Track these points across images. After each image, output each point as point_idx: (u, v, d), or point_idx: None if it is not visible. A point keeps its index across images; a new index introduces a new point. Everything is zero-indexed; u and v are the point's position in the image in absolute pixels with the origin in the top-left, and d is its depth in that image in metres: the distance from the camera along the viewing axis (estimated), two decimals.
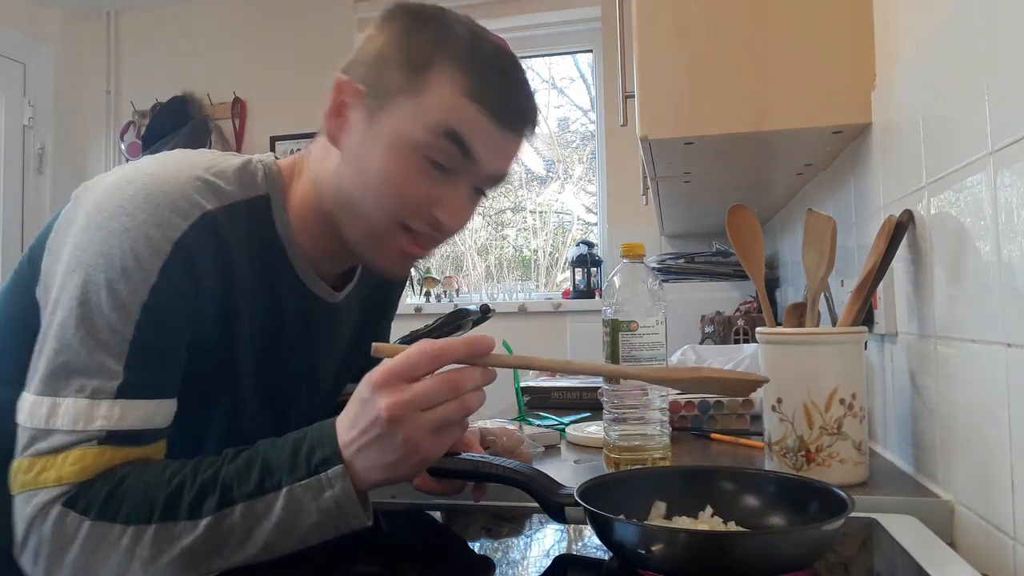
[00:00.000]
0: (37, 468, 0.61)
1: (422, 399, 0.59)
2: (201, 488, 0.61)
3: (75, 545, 0.60)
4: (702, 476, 0.71)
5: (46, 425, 0.62)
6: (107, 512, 0.60)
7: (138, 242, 0.64)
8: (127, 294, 0.63)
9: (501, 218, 3.42)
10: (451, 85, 0.69)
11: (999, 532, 0.65)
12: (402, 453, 0.61)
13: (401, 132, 0.70)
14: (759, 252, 0.96)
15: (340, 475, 0.61)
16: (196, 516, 0.61)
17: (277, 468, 0.62)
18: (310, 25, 3.15)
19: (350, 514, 0.62)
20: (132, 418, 0.63)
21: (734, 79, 1.07)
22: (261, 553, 0.62)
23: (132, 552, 0.60)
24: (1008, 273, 0.62)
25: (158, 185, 0.67)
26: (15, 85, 3.14)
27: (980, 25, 0.67)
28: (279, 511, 0.61)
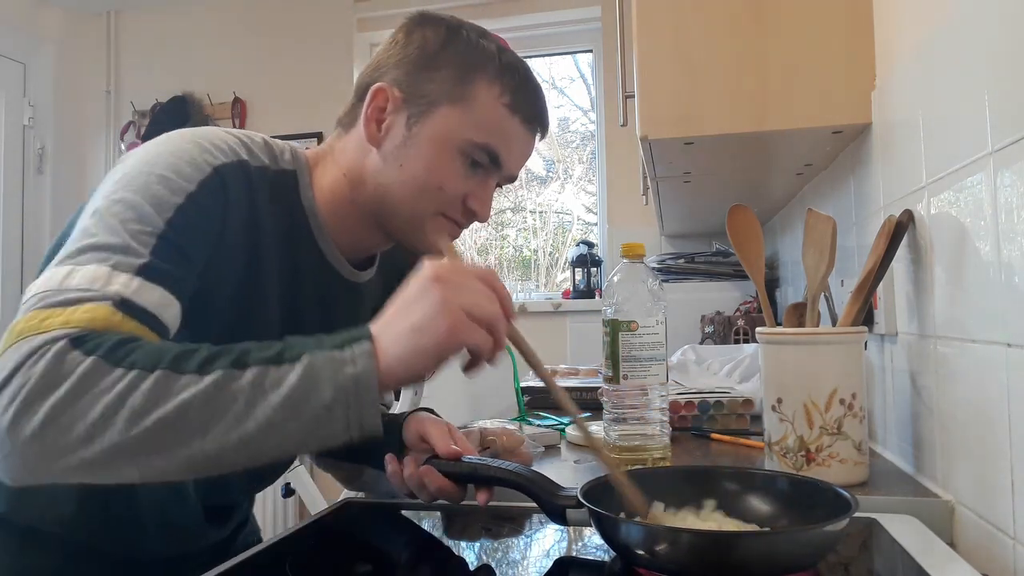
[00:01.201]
0: (42, 316, 0.58)
1: (463, 280, 0.62)
2: (216, 352, 0.58)
3: (65, 384, 0.54)
4: (704, 476, 0.71)
5: (60, 286, 0.60)
6: (113, 356, 0.56)
7: (181, 160, 0.70)
8: (165, 194, 0.67)
9: (501, 218, 3.42)
10: (493, 97, 0.79)
11: (999, 532, 0.65)
12: (433, 314, 0.59)
13: (445, 136, 0.78)
14: (759, 252, 0.96)
15: (365, 352, 0.58)
16: (203, 372, 0.56)
17: (300, 344, 0.59)
18: (310, 25, 3.15)
19: (365, 399, 0.58)
20: (148, 297, 0.62)
21: (734, 79, 1.07)
22: (259, 435, 0.56)
23: (123, 400, 0.54)
24: (1008, 273, 0.62)
25: (203, 131, 0.75)
26: (15, 85, 3.14)
27: (980, 25, 0.67)
28: (293, 381, 0.56)
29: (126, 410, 0.54)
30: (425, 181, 0.78)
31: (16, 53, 3.13)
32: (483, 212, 0.82)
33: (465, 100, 0.78)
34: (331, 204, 0.82)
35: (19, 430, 0.54)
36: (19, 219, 3.11)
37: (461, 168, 0.79)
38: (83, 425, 0.54)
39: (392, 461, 0.80)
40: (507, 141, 0.80)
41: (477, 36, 0.80)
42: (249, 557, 0.70)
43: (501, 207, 3.40)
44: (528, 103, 0.81)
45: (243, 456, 0.57)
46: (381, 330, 0.61)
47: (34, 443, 0.54)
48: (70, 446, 0.54)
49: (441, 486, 0.75)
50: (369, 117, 0.79)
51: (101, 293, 0.60)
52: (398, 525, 0.83)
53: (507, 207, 3.41)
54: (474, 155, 0.79)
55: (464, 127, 0.78)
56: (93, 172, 3.32)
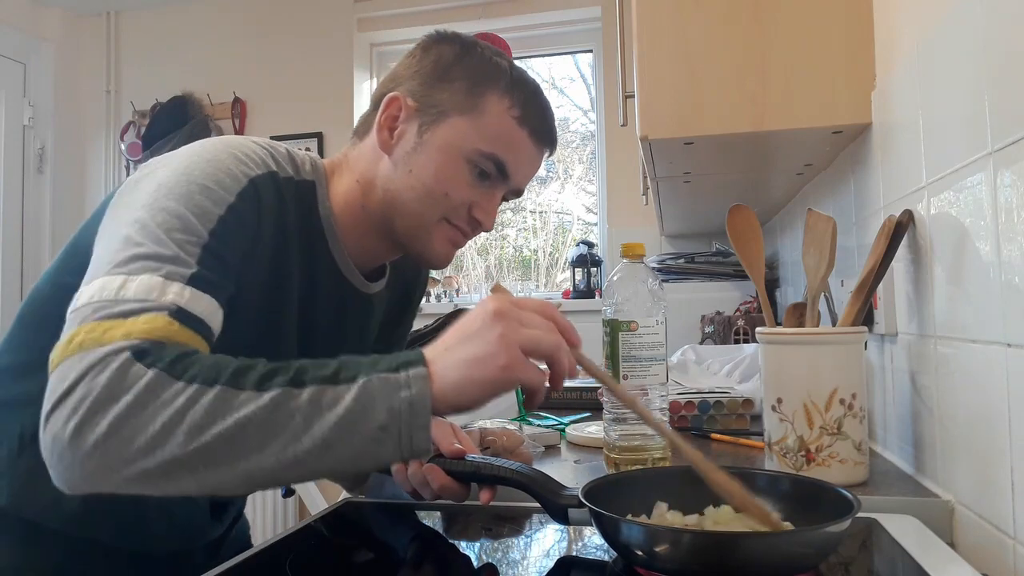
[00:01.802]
0: (103, 328, 0.58)
1: (524, 316, 0.63)
2: (274, 368, 0.59)
3: (128, 396, 0.56)
4: None
5: (116, 296, 0.60)
6: (174, 369, 0.57)
7: (219, 171, 0.71)
8: (207, 205, 0.68)
9: (501, 218, 3.42)
10: (503, 110, 0.81)
11: (999, 532, 0.65)
12: (491, 350, 0.60)
13: (454, 144, 0.80)
14: (759, 252, 0.96)
15: (421, 376, 0.59)
16: (263, 389, 0.57)
17: (356, 365, 0.60)
18: (310, 25, 3.15)
19: (418, 423, 0.58)
20: (199, 306, 0.64)
21: (734, 79, 1.07)
22: (313, 452, 0.57)
23: (183, 414, 0.56)
24: (1008, 273, 0.62)
25: (235, 141, 0.76)
26: (15, 85, 3.14)
27: (980, 25, 0.67)
28: (349, 402, 0.57)
29: (186, 424, 0.56)
30: (432, 187, 0.80)
31: (16, 53, 3.13)
32: (487, 222, 0.84)
33: (475, 111, 0.80)
34: (345, 212, 0.84)
35: (82, 440, 0.55)
36: (19, 219, 3.11)
37: (468, 176, 0.81)
38: (144, 437, 0.55)
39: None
40: (515, 153, 0.82)
41: (491, 53, 0.83)
42: (249, 557, 0.70)
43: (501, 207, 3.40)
44: (537, 118, 0.83)
45: (297, 472, 0.58)
46: (437, 356, 0.61)
47: (96, 453, 0.56)
48: (131, 457, 0.56)
49: (444, 484, 0.75)
50: (382, 124, 0.82)
51: (157, 303, 0.61)
52: (398, 525, 0.83)
53: (507, 207, 3.40)
54: (481, 164, 0.81)
55: (473, 136, 0.80)
56: (93, 172, 3.32)
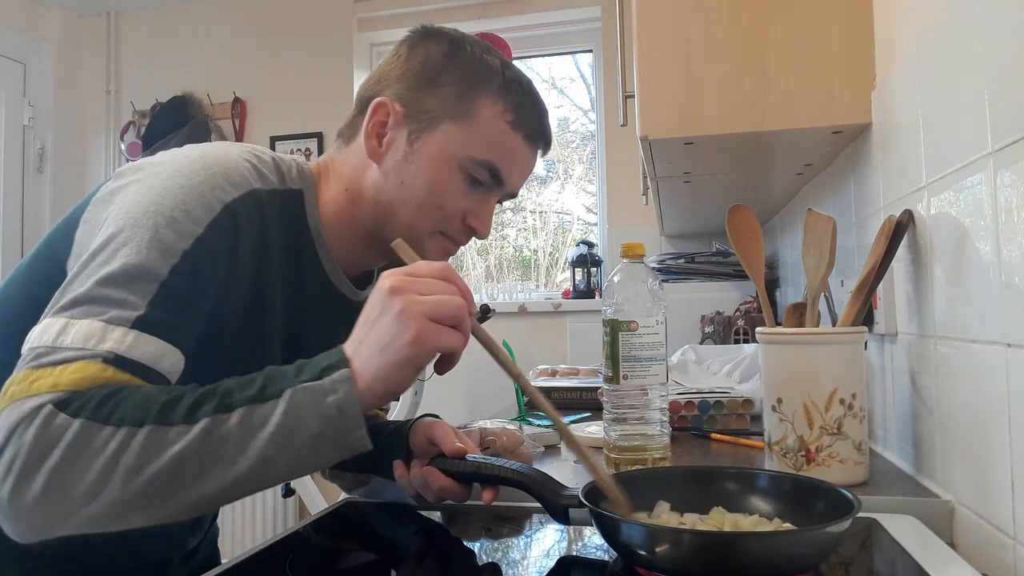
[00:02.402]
0: (32, 377, 0.58)
1: (420, 284, 0.62)
2: (201, 396, 0.59)
3: (57, 450, 0.55)
4: (707, 476, 0.71)
5: (54, 343, 0.59)
6: (99, 414, 0.56)
7: (191, 198, 0.67)
8: (171, 239, 0.65)
9: (501, 218, 3.42)
10: (496, 114, 0.78)
11: (999, 532, 0.65)
12: (395, 329, 0.60)
13: (447, 154, 0.78)
14: (759, 252, 0.96)
15: (345, 379, 0.59)
16: (191, 420, 0.57)
17: (281, 378, 0.60)
18: (310, 25, 3.15)
19: (350, 424, 0.59)
20: (142, 351, 0.62)
21: (734, 79, 1.07)
22: (254, 471, 0.58)
23: (117, 460, 0.56)
24: (1008, 273, 0.62)
25: (214, 157, 0.72)
26: (15, 85, 3.14)
27: (980, 25, 0.67)
28: (278, 417, 0.58)
29: (121, 468, 0.56)
30: (425, 199, 0.78)
31: (16, 53, 3.13)
32: (483, 230, 0.82)
33: (467, 117, 0.78)
34: (334, 220, 0.82)
35: (21, 498, 0.55)
36: (19, 219, 3.11)
37: (461, 185, 0.79)
38: (82, 486, 0.56)
39: (400, 466, 0.80)
40: (509, 158, 0.80)
41: (481, 51, 0.80)
42: (249, 557, 0.70)
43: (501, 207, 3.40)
44: (531, 120, 0.81)
45: (242, 491, 0.59)
46: (354, 351, 0.61)
47: (37, 508, 0.56)
48: (73, 507, 0.56)
49: (444, 485, 0.75)
50: (370, 132, 0.79)
51: (92, 351, 0.60)
52: (398, 525, 0.83)
53: (507, 207, 3.40)
54: (475, 172, 0.78)
55: (466, 144, 0.78)
56: (93, 172, 3.32)
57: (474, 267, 3.35)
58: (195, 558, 0.93)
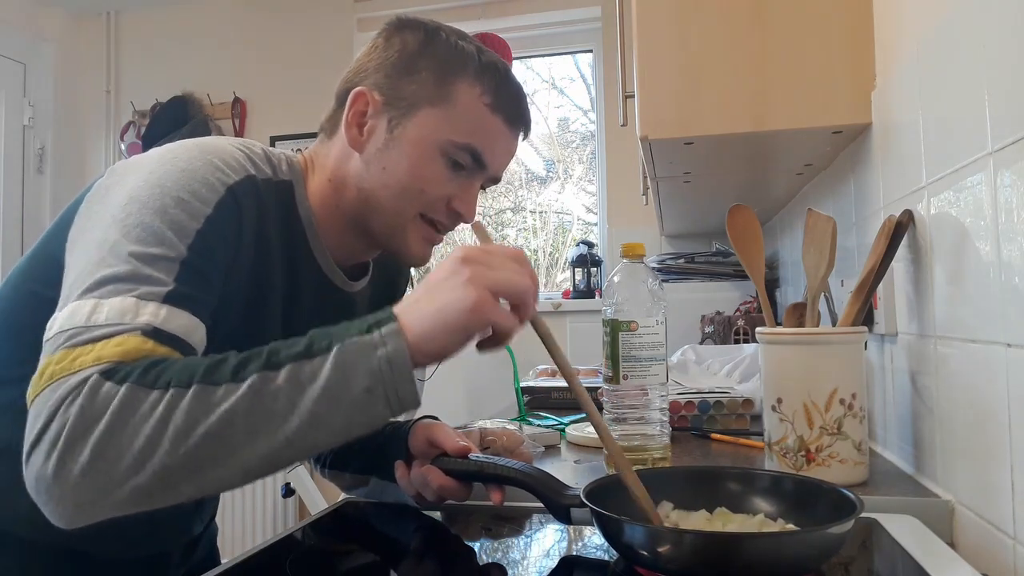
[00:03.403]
0: (72, 356, 0.57)
1: (496, 260, 0.62)
2: (247, 356, 0.58)
3: (104, 417, 0.54)
4: (708, 477, 0.71)
5: (87, 322, 0.59)
6: (145, 379, 0.56)
7: (194, 181, 0.68)
8: (183, 219, 0.66)
9: (501, 218, 3.42)
10: (474, 97, 0.78)
11: (999, 532, 0.65)
12: (459, 294, 0.59)
13: (427, 138, 0.77)
14: (759, 252, 0.96)
15: (394, 332, 0.58)
16: (239, 379, 0.56)
17: (328, 335, 0.59)
18: (310, 25, 3.15)
19: (401, 378, 0.58)
20: (176, 323, 0.62)
21: (734, 79, 1.07)
22: (304, 429, 0.56)
23: (166, 422, 0.54)
24: (1008, 273, 0.62)
25: (210, 146, 0.73)
26: (15, 85, 3.14)
27: (980, 25, 0.67)
28: (328, 372, 0.57)
29: (171, 430, 0.54)
30: (407, 183, 0.78)
31: (16, 53, 3.13)
32: (468, 213, 0.81)
33: (446, 101, 0.78)
34: (321, 211, 0.82)
35: (66, 473, 0.54)
36: (19, 219, 3.11)
37: (443, 170, 0.79)
38: (131, 453, 0.54)
39: (400, 467, 0.80)
40: (490, 141, 0.80)
41: (456, 38, 0.80)
42: (249, 557, 0.70)
43: (501, 207, 3.40)
44: (510, 102, 0.80)
45: (293, 452, 0.57)
46: (406, 309, 0.60)
47: (84, 482, 0.54)
48: (121, 477, 0.54)
49: (443, 484, 0.75)
50: (350, 122, 0.79)
51: (131, 325, 0.59)
52: (398, 525, 0.83)
53: (507, 207, 3.41)
54: (456, 156, 0.78)
55: (445, 128, 0.77)
56: (93, 172, 3.31)
57: None
58: (194, 555, 0.93)
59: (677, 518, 0.66)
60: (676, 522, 0.66)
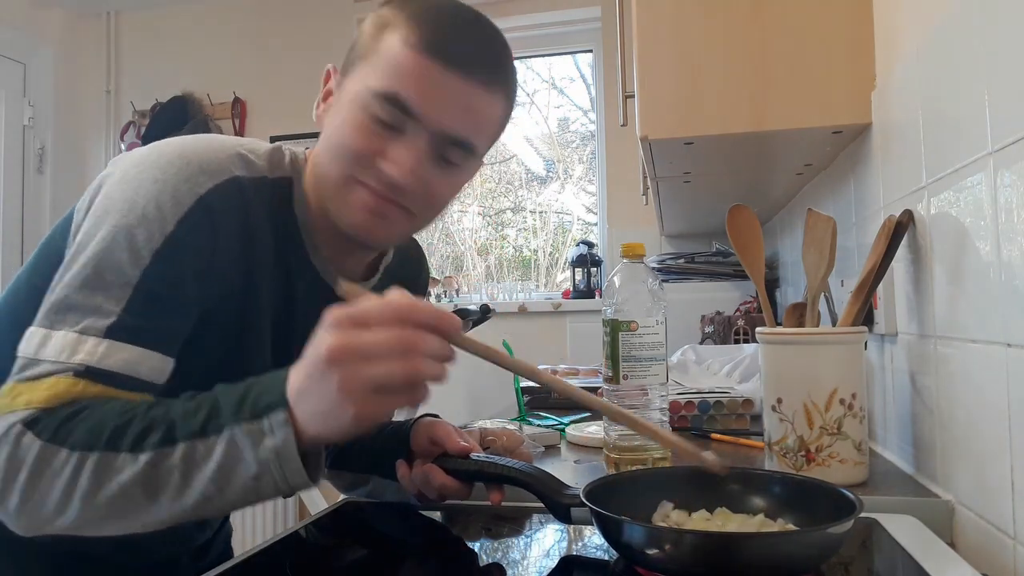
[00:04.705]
0: (15, 392, 0.61)
1: (366, 349, 0.54)
2: (148, 423, 0.59)
3: (24, 468, 0.58)
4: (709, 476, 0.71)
5: (35, 355, 0.62)
6: (58, 436, 0.59)
7: (163, 193, 0.66)
8: (142, 240, 0.65)
9: (501, 218, 3.42)
10: (400, 41, 0.69)
11: (999, 532, 0.65)
12: (334, 403, 0.55)
13: (355, 92, 0.71)
14: (759, 252, 0.96)
15: (282, 423, 0.57)
16: (137, 450, 0.58)
17: (224, 410, 0.59)
18: (310, 25, 3.15)
19: (289, 469, 0.57)
20: (115, 359, 0.62)
21: (734, 79, 1.07)
22: (200, 505, 0.59)
23: (75, 481, 0.58)
24: (1008, 273, 0.62)
25: (194, 147, 0.70)
26: (15, 85, 3.14)
27: (980, 25, 0.67)
28: (219, 456, 0.58)
29: (79, 491, 0.58)
30: (336, 142, 0.72)
31: (16, 53, 3.13)
32: (396, 173, 0.70)
33: (374, 52, 0.70)
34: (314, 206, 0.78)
35: (6, 505, 0.60)
36: (19, 219, 3.11)
37: (368, 124, 0.70)
38: (51, 502, 0.59)
39: (402, 466, 0.80)
40: (419, 85, 0.68)
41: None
42: (249, 557, 0.70)
43: (501, 207, 3.40)
44: (449, 40, 0.69)
45: (194, 517, 0.61)
46: (296, 398, 0.57)
47: (20, 517, 0.60)
48: (48, 518, 0.60)
49: (444, 483, 0.75)
50: (319, 101, 0.77)
51: (65, 365, 0.61)
52: (398, 525, 0.83)
53: (507, 207, 3.41)
54: (378, 109, 0.69)
55: (369, 78, 0.70)
56: (93, 172, 3.32)
57: (474, 267, 3.35)
58: (208, 556, 0.93)
59: (677, 518, 0.66)
60: (676, 522, 0.66)
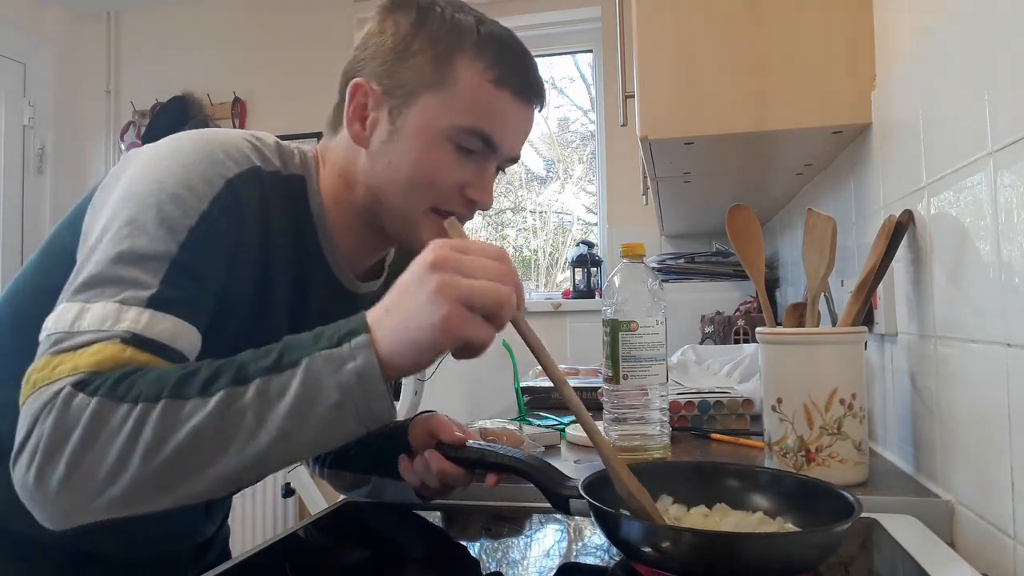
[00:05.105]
0: (54, 363, 0.58)
1: (470, 264, 0.57)
2: (216, 369, 0.57)
3: (77, 431, 0.55)
4: (708, 472, 0.71)
5: (71, 327, 0.59)
6: (115, 392, 0.56)
7: (192, 175, 0.67)
8: (177, 216, 0.64)
9: (501, 218, 3.42)
10: (475, 75, 0.73)
11: (999, 532, 0.65)
12: (427, 308, 0.55)
13: (431, 126, 0.73)
14: (759, 252, 0.96)
15: (364, 345, 0.56)
16: (207, 394, 0.56)
17: (298, 346, 0.58)
18: (310, 25, 3.15)
19: (372, 392, 0.56)
20: (159, 328, 0.61)
21: (734, 79, 1.07)
22: (276, 446, 0.56)
23: (136, 437, 0.54)
24: (1008, 273, 0.62)
25: (214, 136, 0.71)
26: (15, 85, 3.14)
27: (980, 25, 0.67)
28: (296, 387, 0.56)
29: (141, 445, 0.55)
30: (415, 177, 0.74)
31: (16, 53, 3.13)
32: (485, 200, 0.77)
33: (446, 83, 0.73)
34: (333, 207, 0.79)
35: (46, 484, 0.55)
36: (19, 219, 3.11)
37: (452, 157, 0.74)
38: (104, 466, 0.55)
39: (404, 459, 0.80)
40: (499, 120, 0.74)
41: (452, 11, 0.75)
42: (250, 556, 0.70)
43: (501, 207, 3.40)
44: (517, 74, 0.75)
45: (265, 466, 0.57)
46: (378, 320, 0.58)
47: (63, 493, 0.55)
48: (98, 488, 0.55)
49: (444, 468, 0.75)
50: (352, 117, 0.76)
51: (110, 332, 0.59)
52: (398, 525, 0.83)
53: (507, 207, 3.41)
54: (464, 141, 0.74)
55: (449, 112, 0.73)
56: (93, 172, 3.32)
57: None
58: (207, 557, 0.93)
59: (676, 512, 0.67)
60: (675, 517, 0.66)
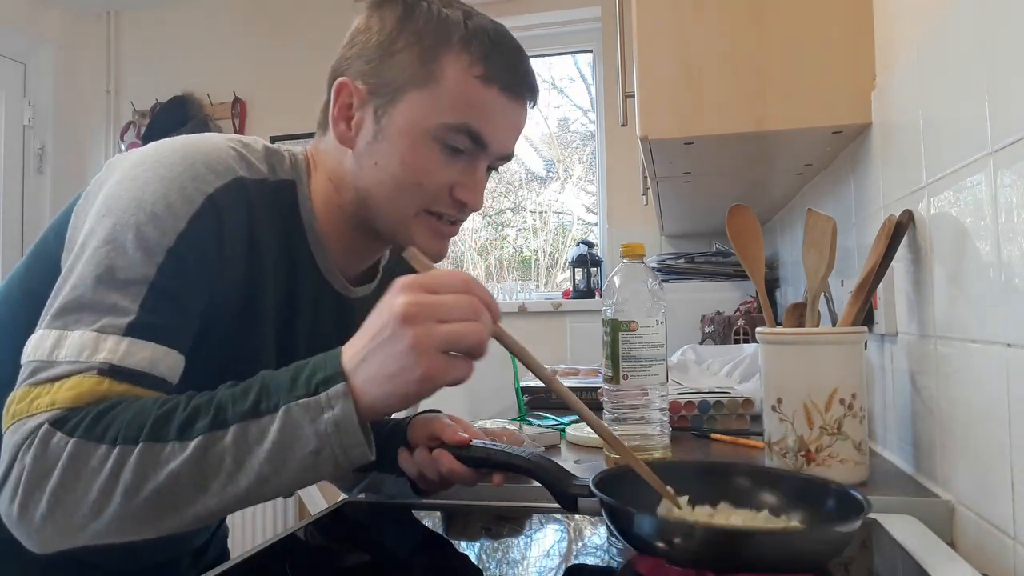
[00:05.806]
0: (32, 395, 0.58)
1: (441, 308, 0.56)
2: (194, 410, 0.57)
3: (56, 470, 0.55)
4: (716, 471, 0.71)
5: (49, 357, 0.59)
6: (93, 432, 0.56)
7: (171, 191, 0.65)
8: (154, 237, 0.63)
9: (501, 218, 3.42)
10: (461, 72, 0.71)
11: (999, 532, 0.65)
12: (404, 362, 0.56)
13: (416, 124, 0.71)
14: (759, 252, 0.96)
15: (341, 394, 0.56)
16: (185, 437, 0.56)
17: (276, 390, 0.58)
18: (310, 25, 3.15)
19: (349, 441, 0.57)
20: (137, 357, 0.61)
21: (734, 79, 1.07)
22: (254, 488, 0.57)
23: (116, 478, 0.55)
24: (1008, 273, 0.62)
25: (196, 146, 0.69)
26: (15, 85, 3.14)
27: (980, 25, 0.67)
28: (274, 434, 0.56)
29: (120, 486, 0.56)
30: (402, 178, 0.72)
31: (16, 53, 3.13)
32: (474, 201, 0.75)
33: (432, 80, 0.70)
34: (324, 212, 0.78)
35: (30, 516, 0.56)
36: (19, 219, 3.11)
37: (440, 157, 0.72)
38: (86, 504, 0.56)
39: (403, 451, 0.79)
40: (488, 116, 0.72)
41: (440, 6, 0.73)
42: (249, 557, 0.70)
43: (501, 207, 3.40)
44: (506, 68, 0.72)
45: (244, 504, 0.59)
46: (355, 367, 0.58)
47: (47, 525, 0.57)
48: (80, 522, 0.56)
49: (453, 468, 0.74)
50: (337, 117, 0.74)
51: (87, 363, 0.59)
52: (398, 525, 0.83)
53: (507, 207, 3.41)
54: (451, 140, 0.71)
55: (435, 110, 0.71)
56: (93, 172, 3.29)
57: (474, 267, 3.35)
58: (205, 557, 0.93)
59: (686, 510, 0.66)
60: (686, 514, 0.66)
